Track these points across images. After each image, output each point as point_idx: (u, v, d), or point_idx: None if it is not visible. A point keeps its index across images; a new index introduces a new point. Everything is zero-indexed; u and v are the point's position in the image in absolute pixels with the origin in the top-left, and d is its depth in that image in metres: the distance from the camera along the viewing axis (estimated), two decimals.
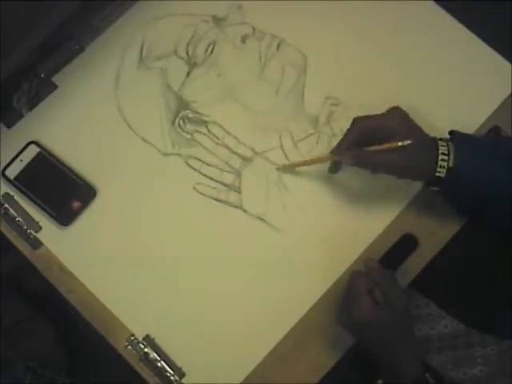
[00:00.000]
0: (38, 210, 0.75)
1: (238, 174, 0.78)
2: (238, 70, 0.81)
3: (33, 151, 0.77)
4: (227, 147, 0.78)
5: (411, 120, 0.68)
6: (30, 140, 0.77)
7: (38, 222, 0.75)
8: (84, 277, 0.74)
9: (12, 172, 0.76)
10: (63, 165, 0.77)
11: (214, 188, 0.77)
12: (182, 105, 0.80)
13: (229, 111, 0.80)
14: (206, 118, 0.79)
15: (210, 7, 0.83)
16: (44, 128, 0.79)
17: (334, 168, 0.74)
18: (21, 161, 0.76)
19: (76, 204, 0.75)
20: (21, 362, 0.77)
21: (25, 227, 0.75)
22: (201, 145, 0.78)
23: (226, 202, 0.77)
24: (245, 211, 0.76)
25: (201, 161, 0.78)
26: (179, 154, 0.78)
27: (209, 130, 0.79)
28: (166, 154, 0.78)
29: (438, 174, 0.66)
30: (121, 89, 0.80)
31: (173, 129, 0.79)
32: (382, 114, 0.69)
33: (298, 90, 0.80)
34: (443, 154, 0.66)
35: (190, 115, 0.79)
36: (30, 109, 0.79)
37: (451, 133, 0.70)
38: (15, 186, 0.76)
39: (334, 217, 0.77)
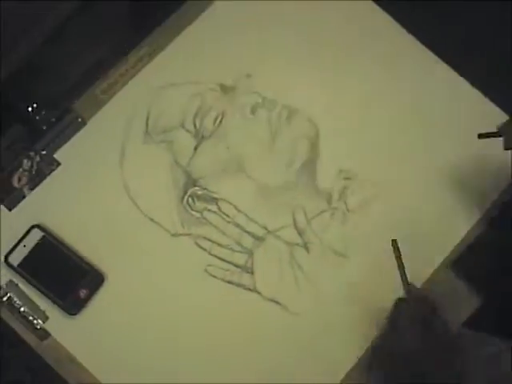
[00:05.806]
0: (44, 298, 0.72)
1: (251, 253, 0.75)
2: (247, 143, 0.78)
3: (36, 235, 0.74)
4: (238, 226, 0.76)
5: None
6: (32, 223, 0.74)
7: (44, 312, 0.72)
8: (95, 368, 0.71)
9: (15, 258, 0.73)
10: (69, 249, 0.73)
11: (227, 270, 0.75)
12: (191, 181, 0.77)
13: (239, 186, 0.77)
14: (216, 195, 0.76)
15: (217, 75, 0.80)
16: (47, 209, 0.75)
17: None
18: (24, 246, 0.73)
19: (83, 292, 0.72)
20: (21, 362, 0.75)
21: (31, 317, 0.72)
22: (211, 224, 0.76)
23: (238, 285, 0.74)
24: (259, 293, 0.74)
25: (211, 241, 0.75)
26: (189, 234, 0.75)
27: (219, 208, 0.76)
28: (175, 235, 0.75)
29: None
30: (126, 165, 0.77)
31: (181, 207, 0.76)
32: None
33: (311, 163, 0.78)
34: None
35: (199, 192, 0.76)
36: (32, 188, 0.76)
37: None
38: (19, 273, 0.73)
39: (352, 295, 0.74)
